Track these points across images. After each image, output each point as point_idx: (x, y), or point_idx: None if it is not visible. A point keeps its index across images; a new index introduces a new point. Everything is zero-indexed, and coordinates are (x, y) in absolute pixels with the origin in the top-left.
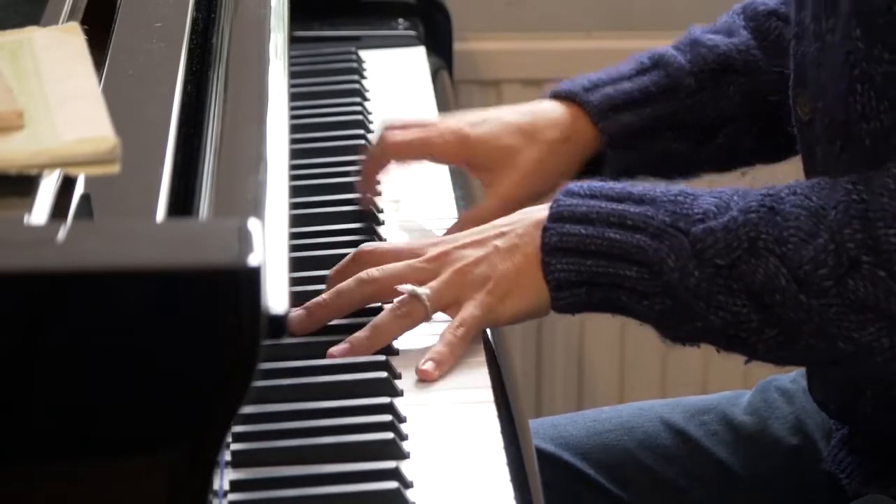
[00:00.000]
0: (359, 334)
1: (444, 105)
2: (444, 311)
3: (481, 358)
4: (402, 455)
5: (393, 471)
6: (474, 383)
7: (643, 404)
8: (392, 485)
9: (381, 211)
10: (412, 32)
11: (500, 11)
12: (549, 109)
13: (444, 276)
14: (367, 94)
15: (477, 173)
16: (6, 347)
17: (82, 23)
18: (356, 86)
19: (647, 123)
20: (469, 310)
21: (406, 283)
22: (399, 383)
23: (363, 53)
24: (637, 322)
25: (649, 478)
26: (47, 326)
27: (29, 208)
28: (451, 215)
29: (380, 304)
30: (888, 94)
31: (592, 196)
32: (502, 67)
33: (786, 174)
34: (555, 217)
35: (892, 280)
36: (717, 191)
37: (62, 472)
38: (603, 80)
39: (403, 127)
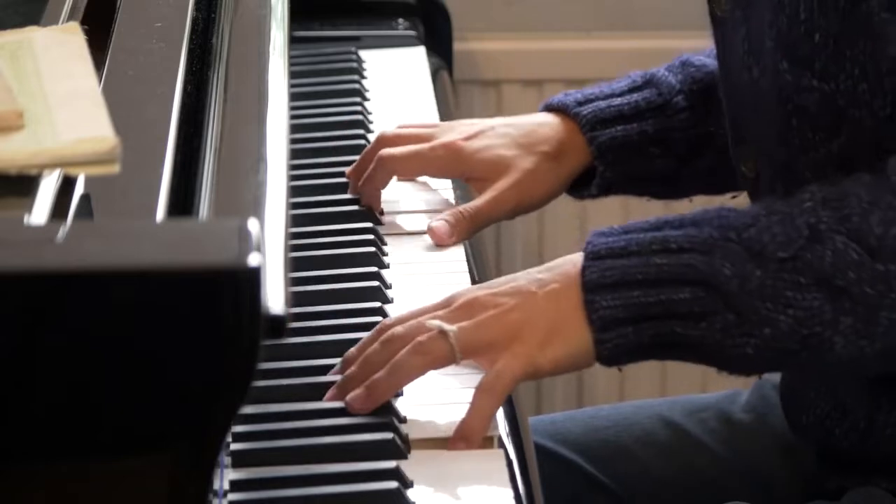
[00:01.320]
0: (378, 376)
1: (444, 105)
2: (473, 357)
3: None
4: (402, 455)
5: (393, 470)
6: (474, 383)
7: (641, 402)
8: (392, 484)
9: (383, 213)
10: (412, 32)
11: (500, 11)
12: (542, 122)
13: (477, 318)
14: (367, 94)
15: (473, 184)
16: (6, 347)
17: (82, 23)
18: (356, 86)
19: (636, 138)
20: (506, 360)
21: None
22: None
23: (363, 53)
24: (696, 365)
25: (647, 473)
26: (47, 326)
27: (29, 208)
28: None
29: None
30: (822, 122)
31: (626, 231)
32: (502, 67)
33: None
34: (592, 256)
35: None
36: (759, 203)
37: (62, 472)
38: (595, 94)
39: (398, 137)
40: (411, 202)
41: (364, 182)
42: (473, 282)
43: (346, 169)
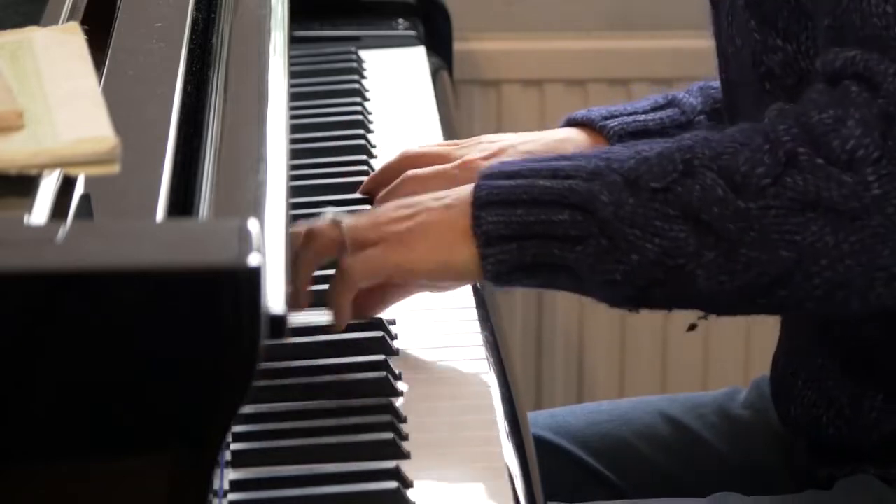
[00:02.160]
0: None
1: (444, 105)
2: (362, 248)
3: (481, 355)
4: (403, 455)
5: (393, 471)
6: (474, 381)
7: (642, 398)
8: (392, 485)
9: None
10: (412, 32)
11: (500, 11)
12: (565, 137)
13: (368, 217)
14: (367, 94)
15: None
16: (6, 347)
17: (82, 23)
18: (356, 86)
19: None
20: (379, 249)
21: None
22: (399, 383)
23: (363, 53)
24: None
25: (646, 466)
26: (47, 326)
27: (29, 208)
28: None
29: None
30: (788, 83)
31: (524, 160)
32: (502, 67)
33: None
34: (485, 175)
35: (829, 165)
36: (647, 140)
37: (62, 472)
38: (619, 111)
39: (423, 156)
40: None
41: (386, 195)
42: (473, 283)
43: (346, 169)
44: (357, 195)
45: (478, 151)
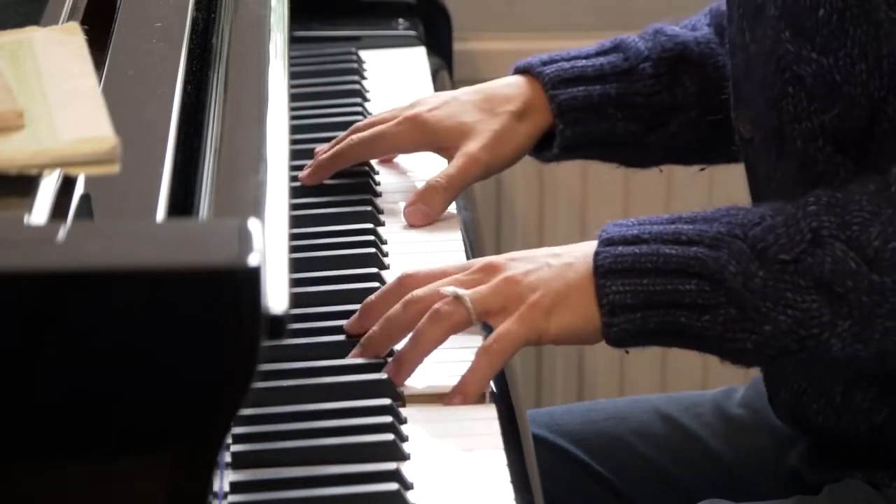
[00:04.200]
0: (403, 349)
1: None
2: (488, 318)
3: None
4: (403, 456)
5: (393, 472)
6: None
7: (638, 397)
8: (392, 486)
9: (382, 212)
10: (412, 32)
11: (500, 11)
12: (505, 84)
13: (491, 282)
14: (368, 95)
15: (441, 153)
16: (6, 347)
17: (82, 23)
18: (356, 86)
19: (597, 100)
20: (509, 324)
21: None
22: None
23: (363, 54)
24: (700, 354)
25: (642, 464)
26: (47, 326)
27: (29, 208)
28: (451, 215)
29: None
30: (817, 93)
31: (641, 223)
32: (502, 67)
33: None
34: (605, 242)
35: None
36: (767, 202)
37: (62, 472)
38: (562, 56)
39: (368, 123)
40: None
41: (330, 157)
42: None
43: (347, 169)
44: (356, 196)
45: (420, 106)
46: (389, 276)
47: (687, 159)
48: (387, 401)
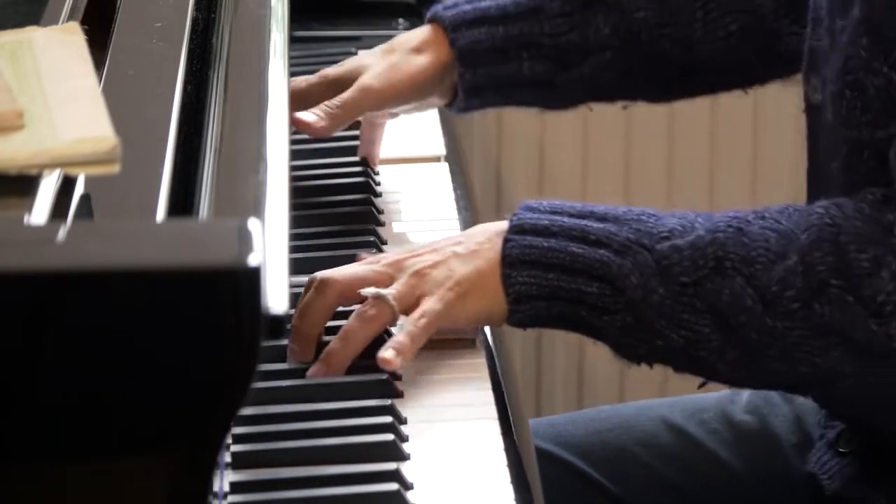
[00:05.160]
0: (331, 347)
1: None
2: (408, 311)
3: (481, 358)
4: (403, 457)
5: (393, 472)
6: (474, 384)
7: (642, 403)
8: (392, 486)
9: (382, 212)
10: None
11: None
12: (409, 32)
13: (404, 278)
14: None
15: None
16: (6, 347)
17: (82, 23)
18: None
19: (500, 43)
20: (430, 303)
21: (366, 284)
22: (399, 385)
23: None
24: (592, 340)
25: (648, 475)
26: (47, 326)
27: (29, 208)
28: (451, 216)
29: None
30: (873, 106)
31: (553, 211)
32: None
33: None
34: (515, 229)
35: (859, 305)
36: (680, 213)
37: (62, 472)
38: None
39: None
40: (412, 203)
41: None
42: None
43: (347, 169)
44: (356, 195)
45: (332, 68)
46: None
47: (608, 98)
48: (387, 401)
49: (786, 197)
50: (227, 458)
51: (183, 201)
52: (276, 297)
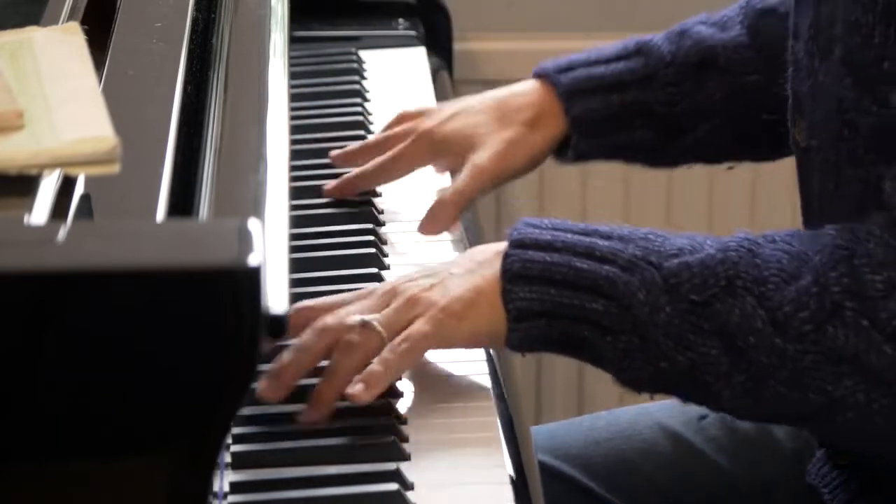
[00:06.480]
0: (319, 388)
1: None
2: (398, 334)
3: (482, 362)
4: (403, 456)
5: (393, 472)
6: (474, 386)
7: (640, 409)
8: (392, 486)
9: (382, 212)
10: (412, 32)
11: (500, 11)
12: (521, 91)
13: (395, 303)
14: (368, 95)
15: (451, 162)
16: (6, 347)
17: (82, 23)
18: (356, 86)
19: (615, 111)
20: (417, 326)
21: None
22: (400, 385)
23: (363, 54)
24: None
25: (649, 486)
26: (47, 326)
27: (29, 208)
28: None
29: None
30: (871, 145)
31: (556, 228)
32: (502, 67)
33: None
34: (516, 244)
35: (874, 330)
36: (688, 234)
37: (62, 473)
38: (581, 61)
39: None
40: (412, 203)
41: (356, 177)
42: None
43: (347, 170)
44: (357, 195)
45: (432, 120)
46: (389, 276)
47: (716, 161)
48: (388, 401)
49: (784, 218)
50: (227, 458)
51: (183, 201)
52: (276, 297)
